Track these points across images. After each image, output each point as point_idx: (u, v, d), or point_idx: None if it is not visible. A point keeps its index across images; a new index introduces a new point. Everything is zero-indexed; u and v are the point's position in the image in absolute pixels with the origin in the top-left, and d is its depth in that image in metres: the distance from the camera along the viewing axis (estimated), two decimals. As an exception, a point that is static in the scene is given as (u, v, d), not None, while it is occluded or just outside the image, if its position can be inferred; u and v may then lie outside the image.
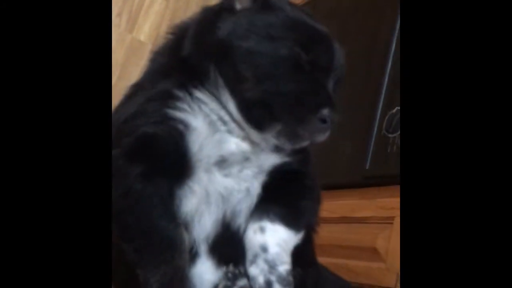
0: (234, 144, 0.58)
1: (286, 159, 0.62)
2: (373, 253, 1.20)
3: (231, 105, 0.58)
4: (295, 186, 0.62)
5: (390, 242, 1.15)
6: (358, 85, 1.43)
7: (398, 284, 1.10)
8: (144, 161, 0.54)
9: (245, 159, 0.59)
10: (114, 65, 1.74)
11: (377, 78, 1.32)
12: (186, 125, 0.56)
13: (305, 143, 0.60)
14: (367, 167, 1.29)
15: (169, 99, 0.57)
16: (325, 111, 0.56)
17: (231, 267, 0.58)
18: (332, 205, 1.42)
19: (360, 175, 1.30)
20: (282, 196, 0.59)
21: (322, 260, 0.92)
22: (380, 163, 1.25)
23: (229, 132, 0.58)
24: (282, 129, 0.57)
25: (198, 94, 0.58)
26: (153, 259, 0.53)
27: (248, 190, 0.59)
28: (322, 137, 0.60)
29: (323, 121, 0.56)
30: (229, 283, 0.57)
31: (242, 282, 0.57)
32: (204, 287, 0.58)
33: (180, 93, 0.57)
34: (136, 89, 0.62)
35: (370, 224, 1.25)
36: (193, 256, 0.58)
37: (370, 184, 1.28)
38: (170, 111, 0.56)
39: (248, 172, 0.59)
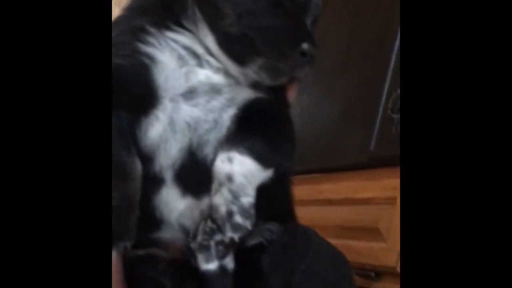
0: (204, 75, 0.59)
1: (260, 95, 0.62)
2: (375, 233, 1.20)
3: (209, 40, 0.59)
4: (267, 124, 0.62)
5: (392, 222, 1.15)
6: (364, 68, 1.43)
7: (399, 263, 1.10)
8: None
9: (215, 91, 0.60)
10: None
11: (383, 60, 1.32)
12: (153, 59, 0.58)
13: (284, 79, 0.61)
14: (372, 148, 1.29)
15: (139, 33, 0.59)
16: (305, 45, 0.57)
17: (209, 222, 0.58)
18: (336, 187, 1.42)
19: (365, 156, 1.30)
20: (253, 132, 0.60)
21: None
22: (384, 144, 1.25)
23: (199, 65, 0.60)
24: (263, 64, 0.58)
25: (170, 30, 0.60)
26: None
27: (216, 121, 0.60)
28: (301, 72, 0.60)
29: (303, 54, 0.57)
30: (206, 237, 0.58)
31: (219, 236, 0.58)
32: (171, 215, 0.60)
33: (151, 29, 0.59)
34: (114, 25, 0.63)
35: (373, 205, 1.25)
36: (159, 182, 0.60)
37: (375, 165, 1.28)
38: (139, 44, 0.58)
39: (216, 103, 0.60)
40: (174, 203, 0.61)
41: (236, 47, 0.58)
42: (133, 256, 0.62)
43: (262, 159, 0.60)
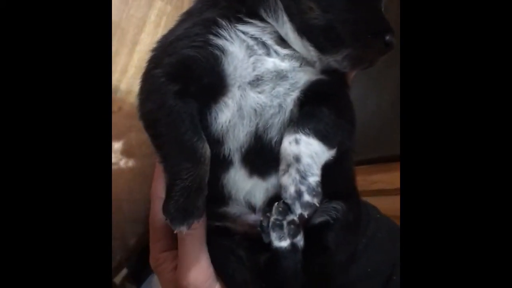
0: (272, 63, 0.62)
1: (321, 76, 0.64)
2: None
3: (288, 28, 0.62)
4: (329, 105, 0.63)
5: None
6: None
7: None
8: (180, 81, 0.60)
9: (281, 77, 0.63)
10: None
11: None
12: (223, 50, 0.61)
13: (364, 66, 0.64)
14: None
15: (211, 25, 0.62)
16: (388, 36, 0.59)
17: (282, 203, 0.62)
18: (389, 177, 1.53)
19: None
20: (317, 113, 0.62)
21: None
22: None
23: (267, 54, 0.63)
24: (348, 54, 0.61)
25: (241, 22, 0.63)
26: (175, 166, 0.59)
27: (280, 106, 0.63)
28: (379, 59, 0.63)
29: (387, 45, 0.60)
30: (280, 217, 0.63)
31: (291, 217, 0.63)
32: (239, 193, 0.65)
33: (222, 21, 0.62)
34: (186, 16, 0.68)
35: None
36: (228, 164, 0.63)
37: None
38: (211, 36, 0.61)
39: (280, 89, 0.63)
40: (241, 183, 0.64)
41: (321, 38, 0.60)
42: (210, 226, 0.67)
43: (326, 139, 0.62)
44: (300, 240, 0.64)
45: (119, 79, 1.10)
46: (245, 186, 0.64)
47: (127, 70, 1.11)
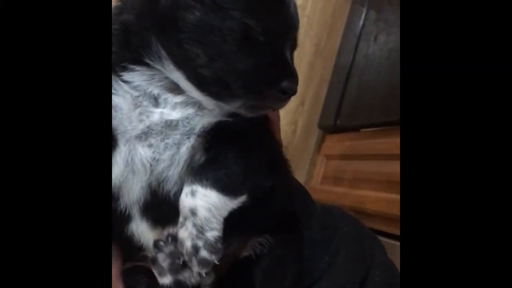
0: (158, 115, 0.58)
1: (224, 118, 0.59)
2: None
3: (177, 76, 0.57)
4: (234, 148, 0.59)
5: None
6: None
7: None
8: None
9: (171, 128, 0.58)
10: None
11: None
12: None
13: (266, 112, 0.60)
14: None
15: None
16: (285, 83, 0.54)
17: (171, 230, 0.61)
18: None
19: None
20: (219, 159, 0.58)
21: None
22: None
23: (155, 105, 0.59)
24: (243, 104, 0.56)
25: (126, 70, 0.59)
26: None
27: (173, 158, 0.59)
28: (282, 106, 0.58)
29: (284, 92, 0.55)
30: (154, 251, 0.62)
31: (167, 249, 0.61)
32: (147, 243, 0.63)
33: None
34: None
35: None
36: (127, 218, 0.62)
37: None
38: None
39: (170, 140, 0.59)
40: (145, 234, 0.63)
41: (212, 88, 0.55)
42: (132, 266, 0.68)
43: (227, 189, 0.57)
44: (189, 277, 0.62)
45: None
46: (151, 237, 0.62)
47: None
